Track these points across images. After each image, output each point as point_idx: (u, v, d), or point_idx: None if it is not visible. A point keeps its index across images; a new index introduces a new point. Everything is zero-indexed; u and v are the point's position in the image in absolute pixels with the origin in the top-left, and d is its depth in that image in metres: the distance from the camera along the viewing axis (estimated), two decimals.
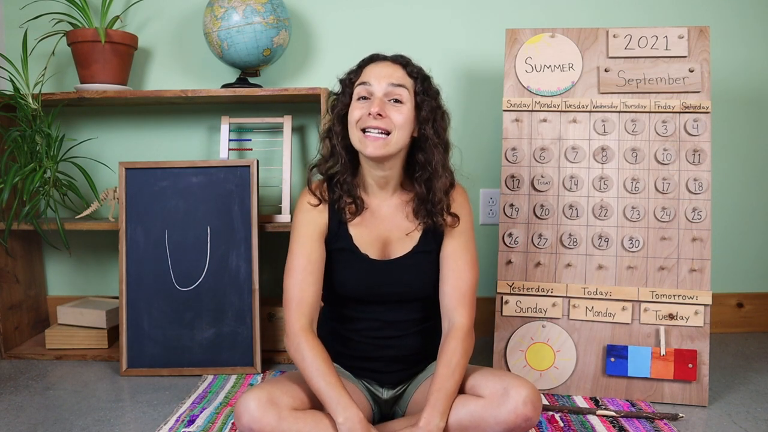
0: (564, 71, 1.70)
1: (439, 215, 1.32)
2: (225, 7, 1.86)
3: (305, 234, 1.33)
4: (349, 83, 1.33)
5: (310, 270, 1.30)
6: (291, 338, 1.27)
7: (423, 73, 1.33)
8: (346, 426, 1.15)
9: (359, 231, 1.34)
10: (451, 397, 1.21)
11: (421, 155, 1.31)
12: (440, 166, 1.31)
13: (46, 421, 1.50)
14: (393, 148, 1.27)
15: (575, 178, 1.67)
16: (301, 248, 1.32)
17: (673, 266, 1.61)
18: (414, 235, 1.34)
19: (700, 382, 1.57)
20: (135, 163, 1.85)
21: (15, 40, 2.05)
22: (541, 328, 1.65)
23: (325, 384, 1.19)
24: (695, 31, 1.66)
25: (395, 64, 1.31)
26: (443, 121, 1.33)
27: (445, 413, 1.19)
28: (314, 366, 1.22)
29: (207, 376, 1.79)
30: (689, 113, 1.64)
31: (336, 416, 1.17)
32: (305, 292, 1.29)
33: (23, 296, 2.09)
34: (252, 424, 1.15)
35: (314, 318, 1.31)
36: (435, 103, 1.32)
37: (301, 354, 1.24)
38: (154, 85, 2.17)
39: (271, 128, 2.09)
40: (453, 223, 1.34)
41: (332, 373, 1.21)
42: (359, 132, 1.27)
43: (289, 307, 1.29)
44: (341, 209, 1.33)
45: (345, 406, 1.17)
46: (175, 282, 1.82)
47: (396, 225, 1.35)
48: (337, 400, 1.17)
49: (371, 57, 1.34)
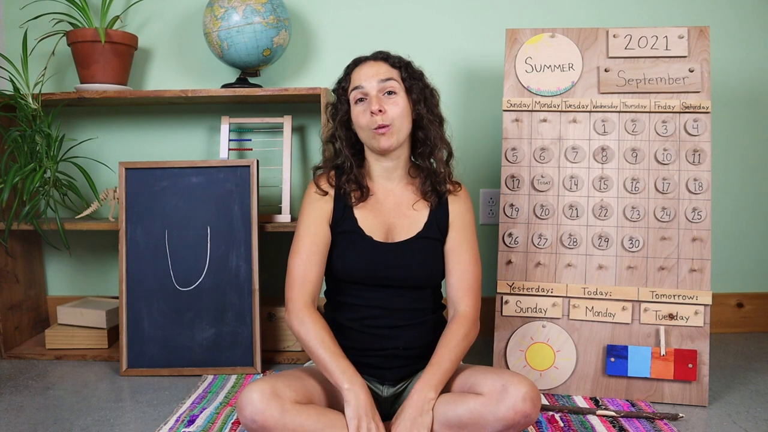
0: (564, 71, 1.70)
1: (443, 183, 1.41)
2: (225, 7, 1.86)
3: (311, 217, 1.39)
4: (343, 91, 1.42)
5: (314, 251, 1.36)
6: (294, 314, 1.31)
7: (404, 60, 1.41)
8: (352, 392, 1.19)
9: (364, 214, 1.39)
10: (446, 374, 1.25)
11: (421, 133, 1.41)
12: (438, 138, 1.40)
13: (46, 421, 1.50)
14: (402, 136, 1.37)
15: (575, 178, 1.67)
16: (306, 230, 1.38)
17: (673, 266, 1.61)
18: (419, 221, 1.40)
19: (700, 382, 1.57)
20: (135, 163, 1.85)
21: (15, 40, 2.05)
22: (541, 328, 1.65)
23: (329, 354, 1.24)
24: (695, 31, 1.66)
25: (378, 61, 1.40)
26: (433, 97, 1.43)
27: (438, 387, 1.23)
28: (318, 338, 1.26)
29: (207, 376, 1.79)
30: (689, 113, 1.64)
31: (341, 383, 1.20)
32: (309, 272, 1.34)
33: (23, 296, 2.09)
34: (255, 416, 1.15)
35: (316, 298, 1.35)
36: (422, 83, 1.41)
37: (305, 326, 1.28)
38: (154, 85, 2.17)
39: (271, 128, 2.09)
40: (455, 189, 1.43)
41: (335, 344, 1.26)
42: (370, 132, 1.35)
43: (292, 285, 1.33)
44: (347, 194, 1.40)
45: (351, 375, 1.22)
46: (175, 282, 1.82)
47: (401, 212, 1.41)
48: (342, 369, 1.22)
49: (354, 61, 1.42)
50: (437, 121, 1.42)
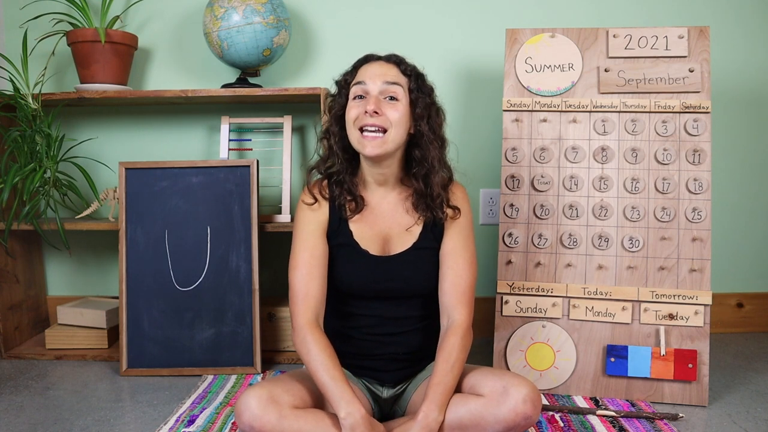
0: (564, 71, 1.70)
1: (439, 209, 1.34)
2: (225, 7, 1.86)
3: (307, 230, 1.34)
4: (344, 84, 1.35)
5: (314, 264, 1.32)
6: (297, 332, 1.28)
7: (417, 71, 1.35)
8: (348, 421, 1.15)
9: (360, 227, 1.35)
10: (449, 392, 1.22)
11: (418, 151, 1.33)
12: (437, 161, 1.33)
13: (46, 421, 1.50)
14: (391, 146, 1.29)
15: (575, 178, 1.67)
16: (303, 243, 1.33)
17: (673, 266, 1.61)
18: (414, 231, 1.35)
19: (700, 382, 1.57)
20: (135, 163, 1.85)
21: (15, 40, 2.05)
22: (541, 328, 1.65)
23: (329, 378, 1.20)
24: (695, 31, 1.66)
25: (389, 63, 1.33)
26: (438, 117, 1.35)
27: (443, 407, 1.20)
28: (319, 360, 1.22)
29: (207, 376, 1.79)
30: (689, 113, 1.64)
31: (338, 411, 1.17)
32: (310, 286, 1.30)
33: (23, 296, 2.09)
34: (253, 422, 1.15)
35: (320, 312, 1.31)
36: (429, 99, 1.34)
37: (307, 347, 1.25)
38: (154, 85, 2.17)
39: (271, 128, 2.09)
40: (454, 215, 1.36)
41: (337, 368, 1.22)
42: (357, 132, 1.29)
43: (295, 301, 1.30)
44: (341, 206, 1.35)
45: (348, 401, 1.17)
46: (175, 282, 1.82)
47: (396, 221, 1.36)
48: (341, 395, 1.18)
49: (365, 57, 1.36)
50: (438, 142, 1.34)
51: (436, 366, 1.25)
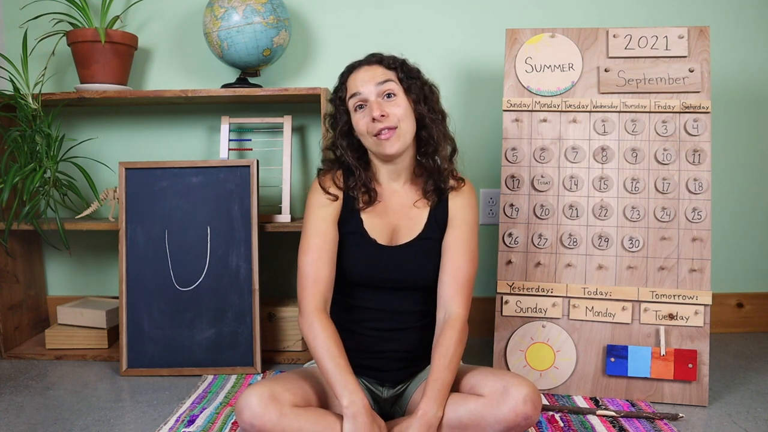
0: (564, 71, 1.70)
1: (446, 180, 1.38)
2: (225, 7, 1.86)
3: (319, 216, 1.36)
4: (340, 101, 1.39)
5: (325, 249, 1.33)
6: (305, 317, 1.29)
7: (398, 59, 1.38)
8: (351, 409, 1.16)
9: (370, 217, 1.38)
10: (447, 388, 1.23)
11: (424, 132, 1.38)
12: (441, 136, 1.38)
13: (46, 421, 1.50)
14: (408, 138, 1.34)
15: (575, 178, 1.67)
16: (315, 229, 1.35)
17: (673, 266, 1.61)
18: (420, 222, 1.38)
19: (700, 382, 1.57)
20: (135, 163, 1.85)
21: (15, 40, 2.05)
22: (541, 328, 1.65)
23: (334, 366, 1.21)
24: (695, 31, 1.66)
25: (372, 65, 1.36)
26: (432, 94, 1.40)
27: (442, 403, 1.21)
28: (325, 347, 1.23)
29: (207, 376, 1.79)
30: (689, 113, 1.64)
31: (342, 399, 1.18)
32: (320, 271, 1.31)
33: (23, 296, 2.09)
34: (253, 420, 1.15)
35: (328, 299, 1.33)
36: (420, 81, 1.38)
37: (313, 333, 1.26)
38: (154, 85, 2.17)
39: (271, 128, 2.09)
40: (458, 186, 1.40)
41: (342, 356, 1.23)
42: (373, 138, 1.33)
43: (305, 285, 1.31)
44: (355, 198, 1.38)
45: (352, 390, 1.18)
46: (175, 282, 1.82)
47: (405, 213, 1.39)
48: (345, 383, 1.19)
49: (348, 68, 1.39)
50: (439, 118, 1.39)
51: (433, 361, 1.26)
